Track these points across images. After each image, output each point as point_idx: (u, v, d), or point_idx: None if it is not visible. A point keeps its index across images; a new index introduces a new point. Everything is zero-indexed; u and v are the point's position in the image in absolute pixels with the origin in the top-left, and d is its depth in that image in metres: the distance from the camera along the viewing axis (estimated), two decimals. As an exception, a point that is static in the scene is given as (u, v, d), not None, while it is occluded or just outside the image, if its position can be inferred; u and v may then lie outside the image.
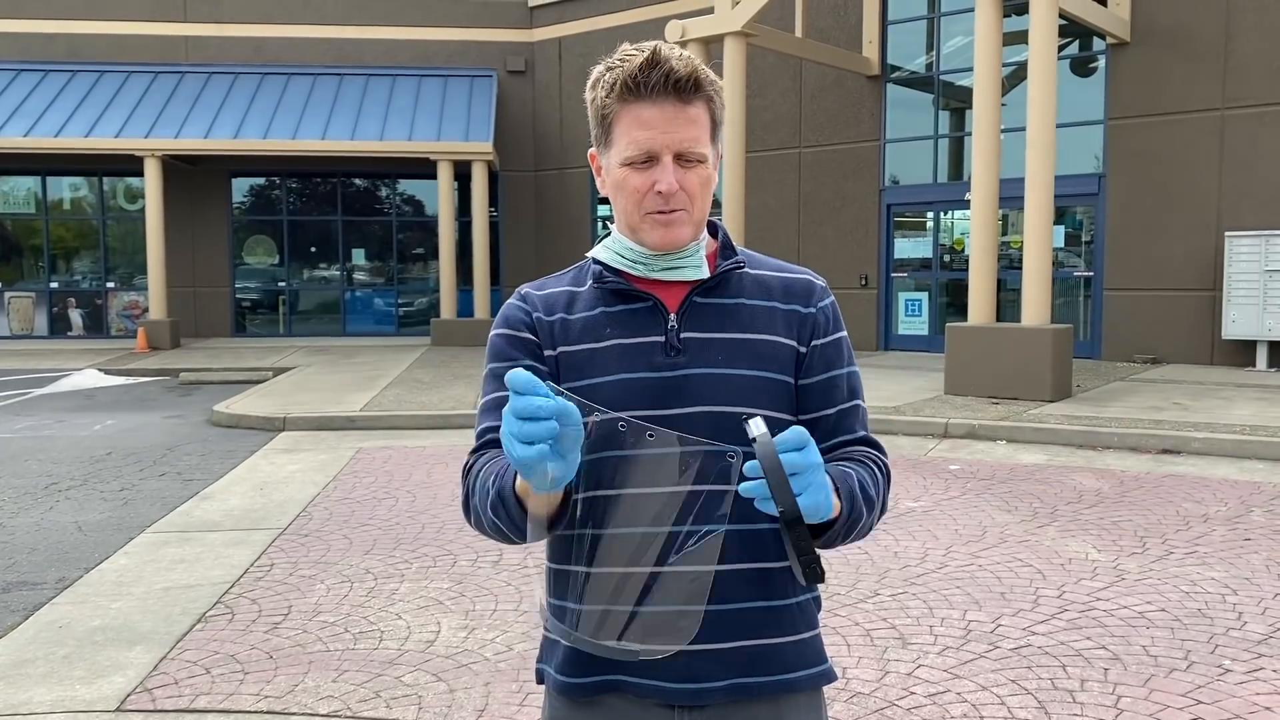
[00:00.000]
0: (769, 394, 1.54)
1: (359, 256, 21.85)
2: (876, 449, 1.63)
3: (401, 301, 21.83)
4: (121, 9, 20.32)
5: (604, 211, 20.03)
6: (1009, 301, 14.55)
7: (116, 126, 18.69)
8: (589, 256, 1.63)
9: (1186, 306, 13.96)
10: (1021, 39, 13.11)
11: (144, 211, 19.11)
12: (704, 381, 1.52)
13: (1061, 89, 12.51)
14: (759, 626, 1.52)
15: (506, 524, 1.46)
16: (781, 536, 1.37)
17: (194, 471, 8.38)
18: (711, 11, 14.41)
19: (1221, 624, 4.57)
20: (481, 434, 1.60)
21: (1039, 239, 11.03)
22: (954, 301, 16.03)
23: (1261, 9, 13.24)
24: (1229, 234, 13.27)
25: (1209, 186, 13.70)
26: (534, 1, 20.81)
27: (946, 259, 16.44)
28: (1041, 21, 10.85)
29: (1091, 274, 14.90)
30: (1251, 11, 13.30)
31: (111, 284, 21.01)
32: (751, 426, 1.32)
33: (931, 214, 16.59)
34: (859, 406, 1.64)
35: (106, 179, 20.81)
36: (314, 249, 21.74)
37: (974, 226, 11.58)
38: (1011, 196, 12.73)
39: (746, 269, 1.61)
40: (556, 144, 20.82)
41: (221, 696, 3.95)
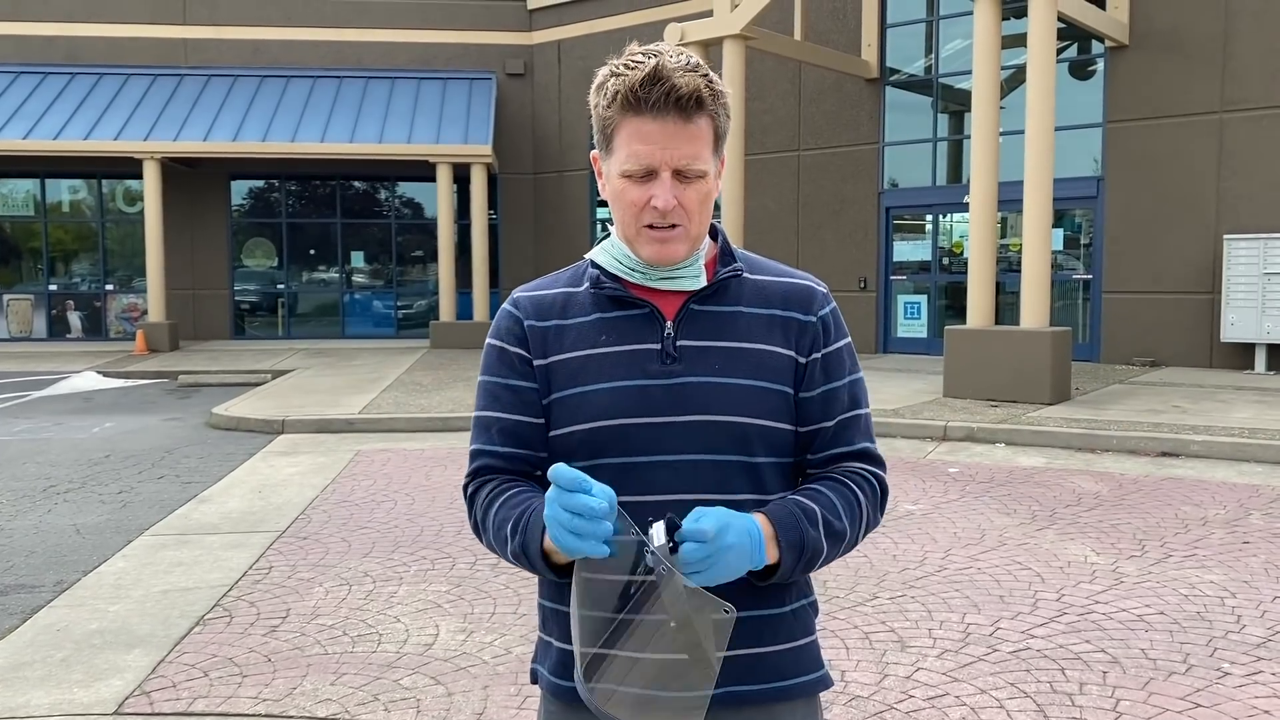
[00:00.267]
0: (766, 404, 1.53)
1: (358, 259, 21.83)
2: (873, 462, 1.61)
3: (400, 304, 21.82)
4: (120, 11, 20.32)
5: (603, 214, 20.03)
6: (1008, 304, 14.55)
7: (115, 129, 18.68)
8: (587, 258, 1.62)
9: (1185, 309, 13.96)
10: (1020, 42, 13.13)
11: (143, 214, 19.10)
12: (700, 390, 1.51)
13: (1060, 92, 12.52)
14: (752, 635, 1.51)
15: (528, 569, 1.52)
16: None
17: (192, 474, 8.38)
18: (710, 14, 14.42)
19: (1220, 627, 4.57)
20: (475, 455, 1.61)
21: (1038, 242, 11.03)
22: (953, 304, 16.03)
23: (1260, 12, 13.25)
24: (1227, 237, 13.28)
25: (1208, 189, 13.70)
26: (533, 4, 20.82)
27: (945, 262, 16.44)
28: (1040, 25, 10.85)
29: (1090, 277, 14.90)
30: (1250, 15, 13.31)
31: (110, 286, 21.00)
32: (652, 536, 1.36)
33: (930, 217, 16.60)
34: (860, 416, 1.61)
35: (105, 181, 20.81)
36: (313, 251, 21.73)
37: (973, 229, 11.58)
38: (1010, 199, 12.74)
39: (746, 275, 1.59)
40: (555, 147, 20.82)
41: (219, 699, 3.95)
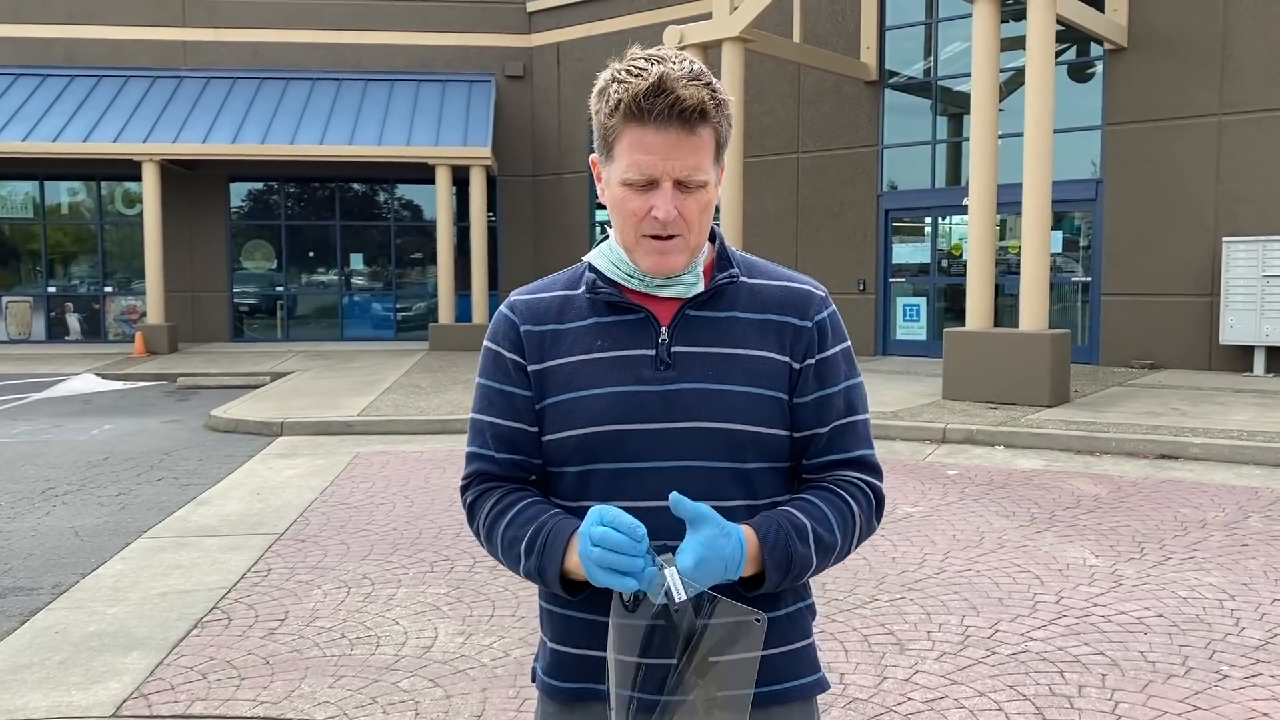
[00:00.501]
0: (760, 410, 1.51)
1: (357, 261, 21.83)
2: (869, 471, 1.59)
3: (399, 306, 21.82)
4: (119, 13, 20.33)
5: (602, 216, 20.03)
6: (1007, 306, 14.55)
7: (114, 131, 18.69)
8: (585, 261, 1.61)
9: (1184, 312, 13.96)
10: (1019, 45, 13.14)
11: (142, 216, 19.09)
12: (694, 397, 1.50)
13: (1059, 94, 12.53)
14: None
15: (540, 585, 1.53)
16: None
17: (191, 476, 8.37)
18: (709, 17, 14.42)
19: (1219, 630, 4.57)
20: (471, 459, 1.61)
21: (1037, 244, 11.04)
22: (952, 306, 16.03)
23: (1258, 15, 13.26)
24: (1226, 239, 13.28)
25: (1206, 192, 13.71)
26: (532, 7, 20.83)
27: (944, 264, 16.45)
28: (1039, 27, 10.86)
29: (1089, 279, 14.91)
30: (1249, 18, 13.33)
31: (109, 288, 21.00)
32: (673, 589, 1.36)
33: (929, 219, 16.60)
34: (856, 422, 1.59)
35: (104, 183, 20.82)
36: (312, 254, 21.73)
37: (972, 231, 11.58)
38: (1009, 202, 12.74)
39: (743, 279, 1.58)
40: (555, 149, 20.83)
41: (218, 702, 3.94)
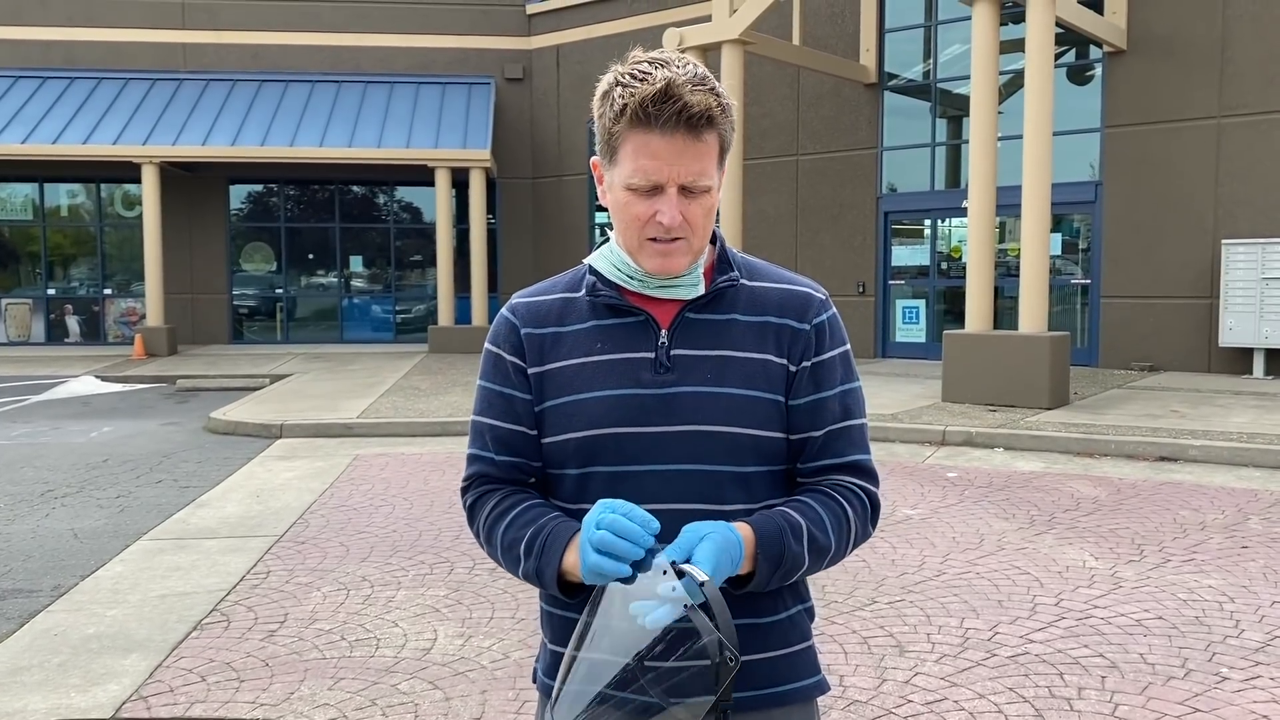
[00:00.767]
0: (758, 413, 1.52)
1: (356, 263, 21.83)
2: (864, 476, 1.58)
3: (399, 308, 21.82)
4: (119, 16, 20.33)
5: (602, 219, 20.04)
6: (1006, 309, 14.56)
7: (114, 133, 18.69)
8: (586, 263, 1.61)
9: (1183, 314, 13.97)
10: (1018, 47, 13.14)
11: (141, 218, 19.10)
12: (693, 400, 1.50)
13: (1058, 97, 12.54)
14: (746, 644, 1.49)
15: (537, 586, 1.53)
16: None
17: (190, 478, 8.37)
18: (709, 19, 14.43)
19: (1219, 632, 4.57)
20: (471, 460, 1.62)
21: (1036, 246, 11.04)
22: (951, 309, 16.03)
23: (1257, 18, 13.27)
24: (1226, 242, 13.28)
25: (1205, 194, 13.72)
26: (532, 9, 20.84)
27: (944, 266, 16.45)
28: (1038, 30, 10.87)
29: (1089, 281, 14.91)
30: (1248, 20, 13.34)
31: (109, 291, 21.00)
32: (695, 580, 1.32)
33: (929, 221, 16.60)
34: (852, 427, 1.58)
35: (104, 186, 20.82)
36: (311, 256, 21.73)
37: (971, 234, 11.59)
38: (1009, 204, 12.75)
39: (743, 281, 1.58)
40: (554, 151, 20.84)
41: (217, 704, 3.94)
